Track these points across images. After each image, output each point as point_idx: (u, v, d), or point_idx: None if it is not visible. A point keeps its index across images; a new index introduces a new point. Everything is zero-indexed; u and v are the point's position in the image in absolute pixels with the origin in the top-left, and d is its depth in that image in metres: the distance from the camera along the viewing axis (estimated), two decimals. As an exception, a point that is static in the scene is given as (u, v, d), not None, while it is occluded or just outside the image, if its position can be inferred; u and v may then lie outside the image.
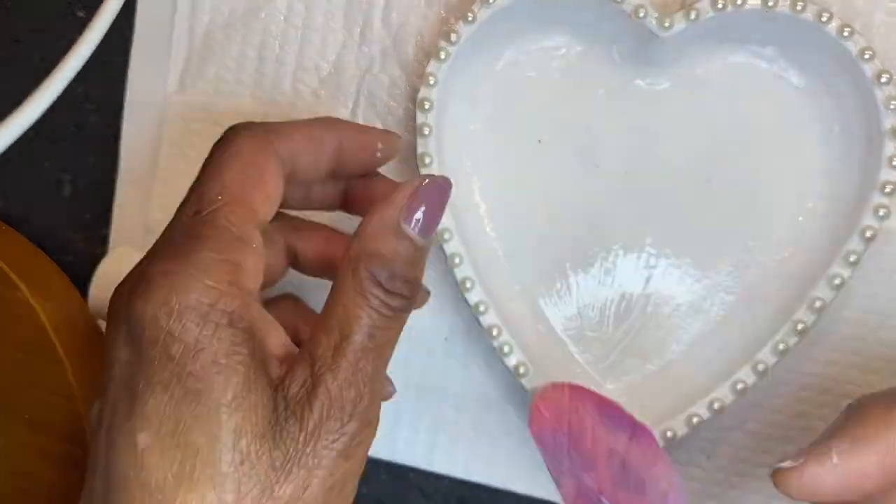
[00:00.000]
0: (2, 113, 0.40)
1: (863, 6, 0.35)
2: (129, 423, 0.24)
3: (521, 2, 0.34)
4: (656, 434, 0.33)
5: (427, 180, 0.28)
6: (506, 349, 0.35)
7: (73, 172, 0.40)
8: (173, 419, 0.24)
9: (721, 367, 0.35)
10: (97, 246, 0.40)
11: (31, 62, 0.40)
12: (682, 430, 0.34)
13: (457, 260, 0.35)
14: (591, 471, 0.32)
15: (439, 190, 0.28)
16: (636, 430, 0.31)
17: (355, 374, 0.25)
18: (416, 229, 0.27)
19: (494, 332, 0.35)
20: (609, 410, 0.32)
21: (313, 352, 0.25)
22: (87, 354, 0.38)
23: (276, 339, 0.26)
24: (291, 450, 0.24)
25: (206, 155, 0.29)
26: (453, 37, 0.34)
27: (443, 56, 0.34)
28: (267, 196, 0.28)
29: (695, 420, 0.34)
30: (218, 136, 0.29)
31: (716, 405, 0.34)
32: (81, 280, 0.40)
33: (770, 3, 0.33)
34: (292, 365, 0.25)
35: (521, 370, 0.35)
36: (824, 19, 0.33)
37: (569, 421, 0.32)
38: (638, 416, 0.33)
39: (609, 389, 0.36)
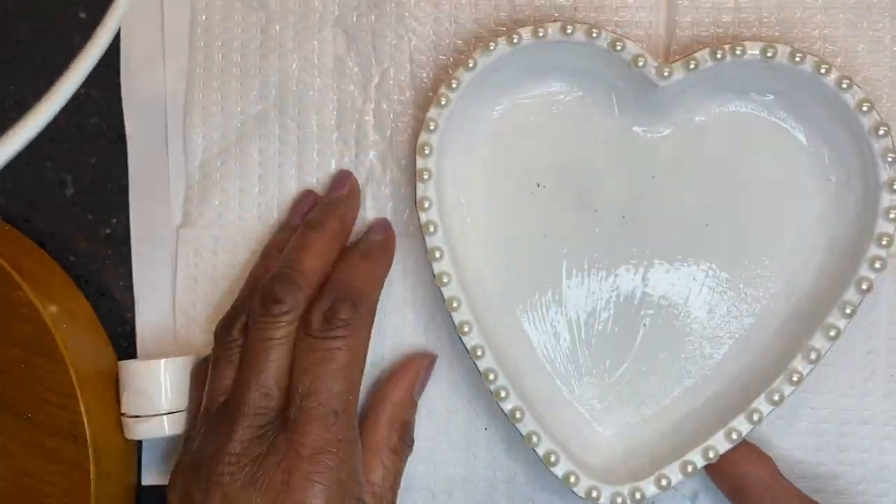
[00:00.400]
0: (3, 113, 0.40)
1: (865, 58, 0.35)
2: None
3: (520, 49, 0.34)
4: (653, 479, 0.34)
5: (429, 358, 0.37)
6: (502, 394, 0.34)
7: (75, 172, 0.40)
8: None
9: (716, 415, 0.35)
10: (98, 246, 0.40)
11: (32, 63, 0.40)
12: (676, 478, 0.34)
13: (455, 304, 0.35)
14: None
15: (432, 365, 0.37)
16: None
17: None
18: (419, 396, 0.37)
19: (491, 377, 0.34)
20: None
21: None
22: (87, 353, 0.38)
23: None
24: None
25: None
26: (454, 83, 0.34)
27: (443, 102, 0.35)
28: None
29: (689, 468, 0.34)
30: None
31: (710, 453, 0.33)
32: (83, 279, 0.40)
33: (769, 54, 0.33)
34: None
35: (518, 415, 0.34)
36: (823, 71, 0.33)
37: None
38: (632, 455, 0.35)
39: (601, 433, 0.36)
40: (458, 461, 0.37)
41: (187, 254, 0.39)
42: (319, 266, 0.34)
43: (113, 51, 0.39)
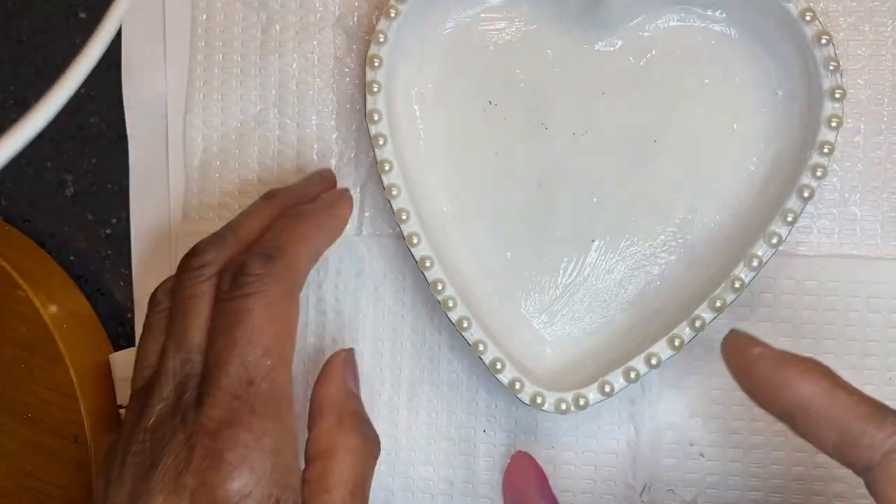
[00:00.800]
0: (3, 113, 0.40)
1: (867, 61, 0.36)
2: None
3: None
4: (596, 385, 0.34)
5: (346, 351, 0.33)
6: (450, 304, 0.34)
7: (76, 172, 0.40)
8: None
9: (660, 326, 0.35)
10: (98, 245, 0.40)
11: (33, 63, 0.40)
12: (619, 384, 0.34)
13: (403, 216, 0.35)
14: None
15: (351, 355, 0.33)
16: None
17: None
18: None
19: (440, 287, 0.34)
20: (543, 487, 0.36)
21: None
22: (88, 353, 0.38)
23: None
24: None
25: None
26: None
27: (392, 14, 0.35)
28: (294, 343, 0.29)
29: (632, 374, 0.34)
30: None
31: (653, 360, 0.34)
32: (83, 279, 0.40)
33: None
34: None
35: (465, 324, 0.34)
36: None
37: (526, 484, 0.35)
38: (578, 366, 0.35)
39: (548, 343, 0.37)
40: (457, 463, 0.37)
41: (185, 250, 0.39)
42: (257, 227, 0.32)
43: (113, 51, 0.39)
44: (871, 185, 0.36)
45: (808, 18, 0.33)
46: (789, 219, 0.33)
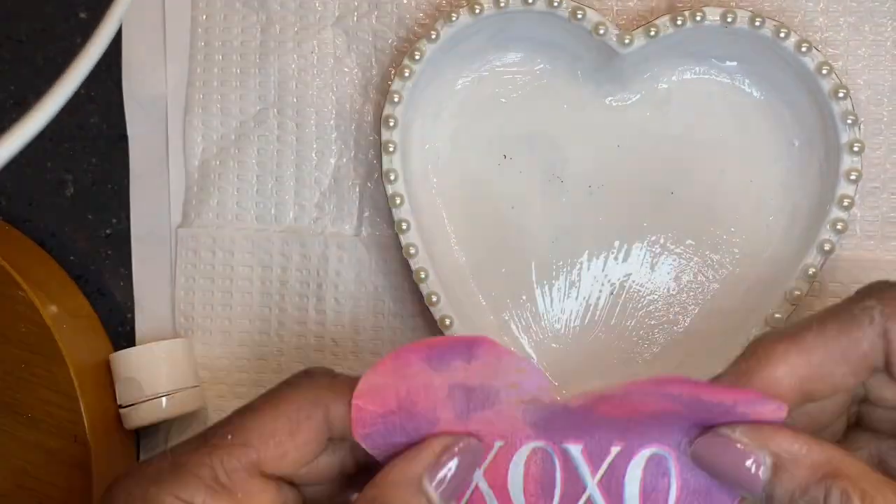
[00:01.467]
0: (3, 113, 0.40)
1: (867, 62, 0.35)
2: None
3: (482, 20, 0.34)
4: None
5: (462, 443, 0.26)
6: None
7: (76, 172, 0.40)
8: None
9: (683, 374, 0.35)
10: (98, 245, 0.40)
11: (33, 63, 0.40)
12: None
13: (423, 275, 0.35)
14: (434, 426, 0.27)
15: (473, 453, 0.27)
16: (472, 348, 0.26)
17: None
18: (440, 491, 0.26)
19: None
20: (437, 352, 0.27)
21: None
22: (88, 353, 0.38)
23: None
24: None
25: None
26: (417, 55, 0.34)
27: (406, 74, 0.35)
28: (294, 449, 0.26)
29: None
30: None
31: None
32: (83, 279, 0.40)
33: (729, 20, 0.33)
34: None
35: None
36: (782, 35, 0.33)
37: (396, 395, 0.27)
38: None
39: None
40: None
41: (186, 254, 0.39)
42: None
43: (114, 51, 0.39)
44: (871, 185, 0.36)
45: (824, 72, 0.33)
46: (810, 273, 0.33)
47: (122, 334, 0.40)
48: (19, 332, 0.37)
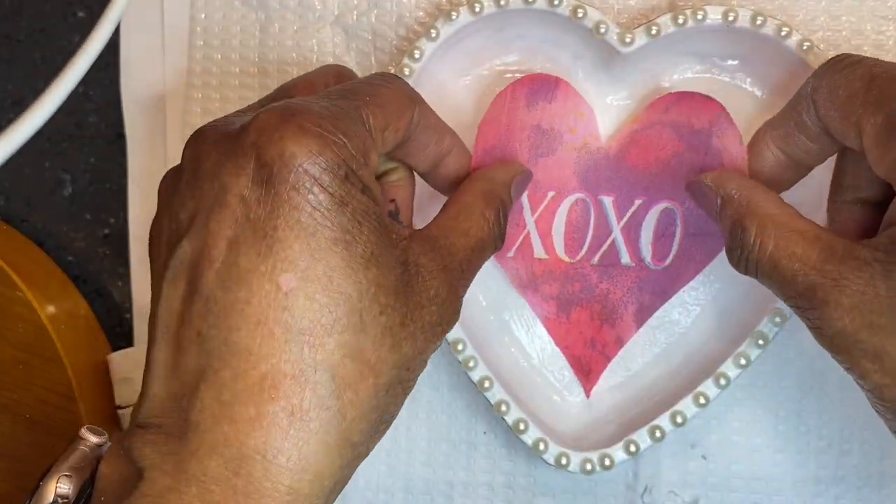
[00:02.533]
0: (2, 112, 0.40)
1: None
2: (266, 264, 0.24)
3: (483, 19, 0.34)
4: (621, 445, 0.34)
5: (528, 171, 0.34)
6: (471, 363, 0.34)
7: (73, 172, 0.40)
8: (322, 264, 0.24)
9: (685, 380, 0.35)
10: (97, 245, 0.40)
11: (31, 62, 0.40)
12: (645, 443, 0.34)
13: None
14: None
15: (527, 185, 0.34)
16: (554, 88, 0.35)
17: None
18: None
19: (460, 347, 0.34)
20: (535, 88, 0.35)
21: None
22: (86, 353, 0.38)
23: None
24: (413, 309, 0.26)
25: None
26: (416, 54, 0.34)
27: (406, 73, 0.34)
28: (394, 131, 0.28)
29: (657, 433, 0.34)
30: (240, 107, 0.31)
31: (678, 418, 0.34)
32: (81, 279, 0.40)
33: (730, 18, 0.33)
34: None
35: (486, 384, 0.34)
36: (784, 34, 0.33)
37: (497, 130, 0.35)
38: (602, 422, 0.35)
39: (571, 401, 0.36)
40: (458, 465, 0.37)
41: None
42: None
43: (112, 50, 0.38)
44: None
45: None
46: None
47: (121, 334, 0.40)
48: (17, 332, 0.37)
